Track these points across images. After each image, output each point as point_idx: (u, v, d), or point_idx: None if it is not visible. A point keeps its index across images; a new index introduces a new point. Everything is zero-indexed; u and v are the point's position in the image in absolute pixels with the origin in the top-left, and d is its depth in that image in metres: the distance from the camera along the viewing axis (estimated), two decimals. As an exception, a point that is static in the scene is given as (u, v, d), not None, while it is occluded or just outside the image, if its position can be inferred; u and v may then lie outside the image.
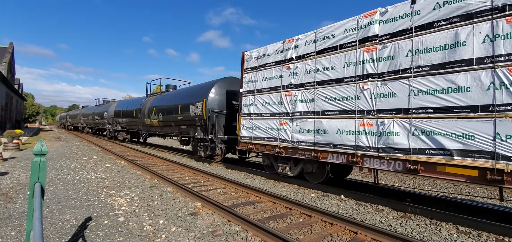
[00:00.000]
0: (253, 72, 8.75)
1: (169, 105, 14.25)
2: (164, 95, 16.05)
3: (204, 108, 11.28)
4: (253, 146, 8.47)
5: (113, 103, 24.80)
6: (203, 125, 11.54)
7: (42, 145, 2.45)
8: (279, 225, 4.40)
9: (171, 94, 15.49)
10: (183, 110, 12.80)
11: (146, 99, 17.91)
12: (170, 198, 5.73)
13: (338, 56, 6.41)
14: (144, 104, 17.40)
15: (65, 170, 8.58)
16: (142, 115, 17.26)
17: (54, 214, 4.62)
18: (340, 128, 6.17)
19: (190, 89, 14.03)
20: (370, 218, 4.90)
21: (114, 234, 3.87)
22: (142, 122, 17.44)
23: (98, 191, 6.17)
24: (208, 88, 11.66)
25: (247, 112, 8.77)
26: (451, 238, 4.09)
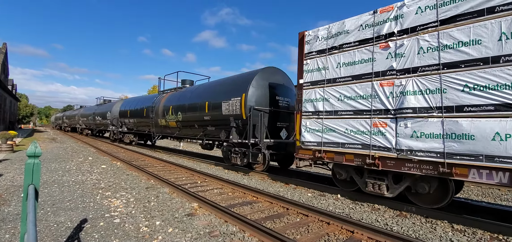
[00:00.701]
0: (321, 57, 6.62)
1: (193, 104, 11.84)
2: (183, 92, 13.44)
3: (244, 106, 9.02)
4: (324, 155, 6.35)
5: (118, 102, 22.61)
6: (240, 126, 9.39)
7: (36, 146, 2.43)
8: (276, 225, 4.41)
9: (193, 90, 12.83)
10: (212, 108, 10.52)
11: (159, 97, 15.36)
12: (167, 199, 5.70)
13: (487, 24, 4.36)
14: (157, 103, 14.95)
15: (60, 172, 8.49)
16: (154, 115, 14.81)
17: (49, 216, 4.57)
18: (502, 132, 4.11)
19: (221, 83, 11.16)
20: (366, 217, 4.93)
21: (110, 236, 3.83)
22: (154, 123, 15.00)
23: (93, 193, 6.11)
24: (247, 80, 9.33)
25: (312, 110, 6.65)
26: (446, 236, 4.13)
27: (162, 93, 15.82)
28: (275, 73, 9.88)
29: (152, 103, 15.52)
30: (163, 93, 15.61)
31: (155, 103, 15.15)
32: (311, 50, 6.89)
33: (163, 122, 14.13)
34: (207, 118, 10.85)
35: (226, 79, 11.37)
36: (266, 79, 9.51)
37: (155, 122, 14.91)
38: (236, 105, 9.36)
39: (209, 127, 10.94)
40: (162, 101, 14.46)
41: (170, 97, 14.02)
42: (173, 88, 15.38)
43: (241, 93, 9.20)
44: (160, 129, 14.99)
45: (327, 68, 6.49)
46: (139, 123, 17.58)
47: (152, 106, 15.35)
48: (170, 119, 13.34)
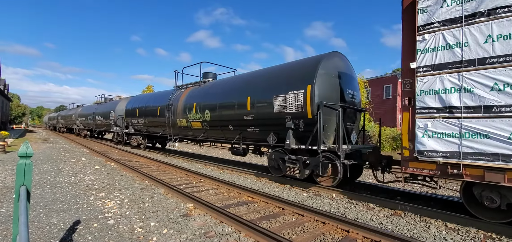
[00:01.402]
0: (452, 28, 4.64)
1: (227, 100, 9.49)
2: (209, 87, 11.07)
3: (310, 101, 6.79)
4: (464, 171, 4.41)
5: (123, 100, 20.08)
6: (300, 128, 7.18)
7: (28, 147, 2.38)
8: (272, 225, 4.40)
9: (224, 84, 10.46)
10: (257, 105, 8.28)
11: (177, 93, 12.93)
12: (162, 200, 5.66)
13: None
14: (175, 100, 12.57)
15: (53, 173, 8.37)
16: (172, 114, 12.46)
17: (41, 217, 4.50)
18: None
19: (269, 74, 8.63)
20: (361, 216, 4.96)
21: (104, 237, 3.79)
22: (171, 123, 12.58)
23: (87, 194, 6.04)
24: (311, 69, 7.08)
25: (438, 105, 4.71)
26: (440, 235, 4.18)
27: (180, 89, 13.23)
28: (338, 58, 7.69)
29: (168, 101, 12.97)
30: (182, 89, 13.03)
31: (173, 100, 12.63)
32: (430, 21, 4.92)
33: (184, 122, 11.68)
34: (249, 118, 8.55)
35: (275, 69, 8.83)
36: (334, 68, 7.30)
37: (173, 122, 12.46)
38: (296, 101, 7.11)
39: (251, 128, 8.70)
40: (182, 98, 12.01)
41: (192, 93, 11.57)
42: (194, 83, 12.73)
43: (305, 85, 6.96)
44: (178, 130, 12.53)
45: (466, 44, 4.51)
46: (151, 124, 15.13)
47: (168, 104, 12.82)
48: (194, 119, 10.96)
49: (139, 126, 16.49)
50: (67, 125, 34.83)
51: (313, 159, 6.84)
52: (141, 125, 16.22)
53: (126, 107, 17.94)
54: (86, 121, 26.59)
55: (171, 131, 12.89)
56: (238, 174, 9.07)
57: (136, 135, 17.20)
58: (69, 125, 33.79)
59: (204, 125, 10.61)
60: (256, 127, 8.55)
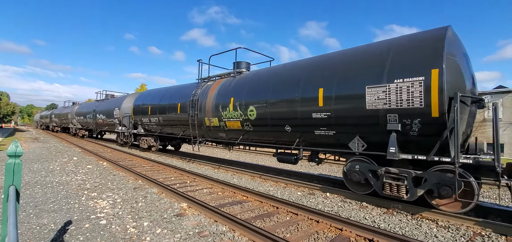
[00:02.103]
0: None
1: (284, 97, 7.29)
2: (250, 78, 8.95)
3: (436, 92, 4.79)
4: None
5: (130, 96, 17.75)
6: (413, 130, 5.15)
7: (17, 146, 2.33)
8: (266, 224, 4.41)
9: (274, 74, 8.18)
10: (335, 100, 6.18)
11: (201, 86, 10.71)
12: (155, 199, 5.61)
13: None
14: (202, 95, 10.24)
15: (43, 172, 8.22)
16: (198, 111, 10.15)
17: (31, 218, 4.41)
18: None
19: (354, 56, 6.53)
20: (354, 214, 5.00)
21: (96, 238, 3.74)
22: (197, 122, 10.23)
23: (78, 194, 5.95)
24: (434, 45, 5.06)
25: None
26: (431, 232, 4.25)
27: (205, 82, 10.88)
28: (452, 33, 5.34)
29: (191, 96, 10.62)
30: (209, 81, 10.72)
31: (198, 95, 10.35)
32: None
33: (215, 122, 9.44)
34: (320, 117, 6.42)
35: (360, 51, 6.57)
36: (457, 45, 5.33)
37: (199, 121, 10.15)
38: (410, 93, 5.05)
39: (321, 129, 6.52)
40: (212, 92, 9.82)
41: (227, 87, 9.36)
42: (224, 74, 10.55)
43: (427, 69, 4.92)
44: (205, 132, 10.15)
45: None
46: (168, 123, 12.66)
47: (191, 100, 10.50)
48: (230, 118, 8.77)
49: (151, 125, 14.05)
50: (62, 124, 32.20)
51: (434, 174, 4.93)
52: (154, 125, 13.74)
53: (134, 104, 15.49)
54: (84, 119, 24.12)
55: (196, 132, 10.42)
56: (232, 173, 9.05)
57: (148, 136, 14.77)
58: (64, 124, 31.28)
59: (246, 125, 8.36)
60: (330, 128, 6.36)
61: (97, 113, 20.90)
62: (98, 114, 20.81)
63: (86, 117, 23.45)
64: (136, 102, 15.47)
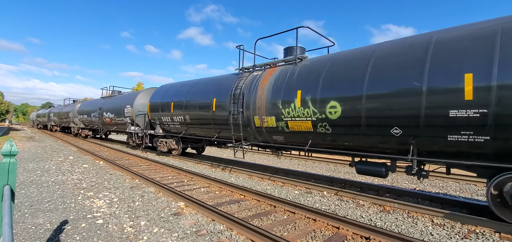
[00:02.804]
0: None
1: (393, 91, 5.20)
2: (321, 64, 6.84)
3: None
4: None
5: (144, 92, 15.66)
6: None
7: (12, 144, 2.31)
8: (263, 223, 4.42)
9: (365, 56, 5.99)
10: (502, 92, 4.08)
11: (244, 78, 8.60)
12: (152, 199, 5.59)
13: None
14: (246, 88, 8.23)
15: (38, 172, 8.15)
16: (243, 108, 8.12)
17: (27, 218, 4.37)
18: None
19: None
20: (351, 213, 5.03)
21: (93, 237, 3.72)
22: (242, 122, 8.18)
23: (74, 193, 5.91)
24: None
25: None
26: (427, 230, 4.29)
27: (250, 72, 8.77)
28: None
29: (231, 90, 8.60)
30: (255, 72, 8.60)
31: (243, 89, 8.28)
32: None
33: (270, 122, 7.38)
34: (466, 115, 4.37)
35: None
36: None
37: (245, 120, 8.10)
38: None
39: (465, 133, 4.49)
40: (264, 84, 7.76)
41: (285, 77, 7.31)
42: (276, 62, 8.53)
43: None
44: (254, 133, 8.09)
45: None
46: (198, 122, 10.29)
47: (233, 94, 8.44)
48: (296, 116, 6.75)
49: (173, 126, 11.81)
50: (62, 123, 29.74)
51: None
52: (177, 125, 11.52)
53: (151, 101, 13.15)
54: (88, 118, 21.85)
55: (240, 134, 8.28)
56: (230, 172, 9.05)
57: (167, 138, 12.71)
58: (64, 123, 28.91)
59: (321, 127, 6.32)
60: (482, 131, 4.32)
61: (104, 112, 18.65)
62: (105, 113, 18.53)
63: (91, 116, 21.25)
64: (154, 98, 13.07)
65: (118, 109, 16.84)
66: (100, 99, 21.73)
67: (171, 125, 11.94)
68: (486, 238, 4.04)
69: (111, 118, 17.76)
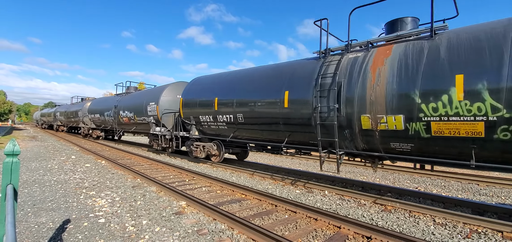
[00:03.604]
0: None
1: None
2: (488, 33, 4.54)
3: None
4: None
5: (170, 87, 13.38)
6: None
7: (14, 144, 2.32)
8: (264, 222, 4.43)
9: None
10: None
11: (332, 63, 6.42)
12: (154, 198, 5.61)
13: None
14: (346, 76, 5.96)
15: (41, 171, 8.19)
16: (341, 104, 5.90)
17: (29, 217, 4.40)
18: None
19: None
20: (352, 212, 5.03)
21: (95, 236, 3.74)
22: (339, 122, 5.93)
23: (77, 192, 5.94)
24: None
25: None
26: (429, 229, 4.28)
27: (341, 53, 6.50)
28: None
29: (317, 79, 6.41)
30: (349, 52, 6.36)
31: (341, 76, 6.04)
32: None
33: (394, 123, 5.22)
34: None
35: None
36: None
37: (345, 120, 5.90)
38: None
39: None
40: (378, 67, 5.55)
41: (416, 58, 5.15)
42: (390, 38, 5.96)
43: None
44: (357, 138, 5.88)
45: None
46: (258, 121, 7.97)
47: (321, 85, 6.29)
48: (453, 113, 4.59)
49: (217, 127, 9.55)
50: (70, 123, 27.78)
51: None
52: (224, 126, 9.18)
53: (185, 98, 10.96)
54: (101, 118, 19.79)
55: (334, 139, 5.91)
56: (231, 172, 9.06)
57: (204, 141, 10.60)
58: (72, 123, 26.96)
59: (506, 132, 4.27)
60: None
61: (121, 110, 16.41)
62: (121, 112, 16.30)
63: (104, 116, 19.04)
64: (189, 94, 10.87)
65: (138, 108, 14.54)
66: (114, 96, 19.65)
67: (213, 125, 9.69)
68: (488, 237, 4.02)
69: (129, 117, 15.44)
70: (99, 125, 20.97)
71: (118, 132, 18.09)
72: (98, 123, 20.90)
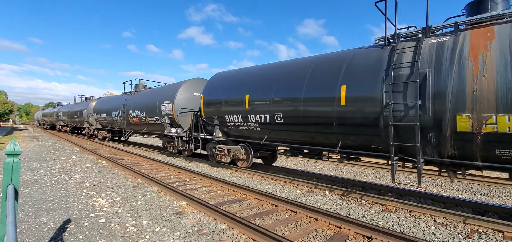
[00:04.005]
0: None
1: None
2: None
3: None
4: None
5: (187, 84, 12.05)
6: None
7: (15, 144, 2.33)
8: (265, 222, 4.42)
9: None
10: None
11: (426, 48, 5.02)
12: (154, 198, 5.62)
13: None
14: (442, 61, 4.75)
15: (42, 171, 8.20)
16: (435, 99, 4.72)
17: (30, 217, 4.41)
18: None
19: None
20: (353, 212, 5.02)
21: (95, 236, 3.74)
22: (422, 120, 4.80)
23: (77, 192, 5.94)
24: None
25: None
26: (429, 229, 4.27)
27: (417, 38, 5.28)
28: None
29: (388, 70, 5.36)
30: (429, 37, 5.18)
31: (426, 66, 4.94)
32: None
33: (506, 124, 4.18)
34: None
35: None
36: None
37: (428, 120, 4.83)
38: None
39: None
40: (482, 54, 4.44)
41: None
42: (485, 17, 4.83)
43: None
44: (441, 143, 4.82)
45: None
46: (303, 121, 6.86)
47: (394, 76, 5.21)
48: None
49: (247, 128, 8.38)
50: (73, 123, 26.82)
51: None
52: (256, 126, 8.07)
53: (207, 96, 9.70)
54: (107, 118, 18.83)
55: (416, 144, 4.88)
56: (231, 172, 9.06)
57: (228, 144, 9.43)
58: (76, 123, 26.02)
59: None
60: None
61: (130, 110, 15.32)
62: (131, 111, 15.21)
63: (111, 115, 17.96)
64: (212, 92, 9.65)
65: (151, 107, 13.33)
66: (122, 95, 18.38)
67: (242, 126, 8.49)
68: (489, 237, 4.01)
69: (140, 117, 14.26)
70: (106, 125, 20.04)
71: (127, 133, 17.07)
72: (105, 123, 19.92)
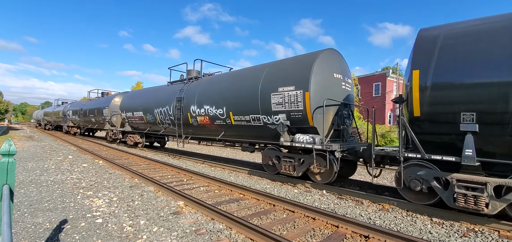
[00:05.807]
0: None
1: None
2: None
3: None
4: None
5: (322, 56, 6.82)
6: None
7: (10, 144, 2.30)
8: (262, 222, 4.43)
9: None
10: None
11: None
12: (152, 198, 5.60)
13: None
14: None
15: (38, 171, 8.14)
16: None
17: (26, 217, 4.37)
18: None
19: None
20: (350, 211, 5.04)
21: (92, 237, 3.72)
22: None
23: (74, 192, 5.90)
24: None
25: None
26: (426, 228, 4.30)
27: None
28: None
29: None
30: None
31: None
32: None
33: None
34: None
35: None
36: None
37: None
38: None
39: None
40: None
41: None
42: None
43: None
44: None
45: None
46: None
47: None
48: None
49: None
50: (88, 124, 21.73)
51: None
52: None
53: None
54: (147, 117, 13.13)
55: None
56: (229, 171, 9.05)
57: None
58: (93, 124, 20.84)
59: None
60: None
61: (192, 105, 10.01)
62: (193, 106, 9.99)
63: (154, 113, 12.47)
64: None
65: (243, 98, 8.08)
66: (169, 85, 12.67)
67: None
68: (485, 236, 4.05)
69: (213, 116, 9.09)
70: (143, 128, 14.08)
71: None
72: (137, 124, 14.38)
